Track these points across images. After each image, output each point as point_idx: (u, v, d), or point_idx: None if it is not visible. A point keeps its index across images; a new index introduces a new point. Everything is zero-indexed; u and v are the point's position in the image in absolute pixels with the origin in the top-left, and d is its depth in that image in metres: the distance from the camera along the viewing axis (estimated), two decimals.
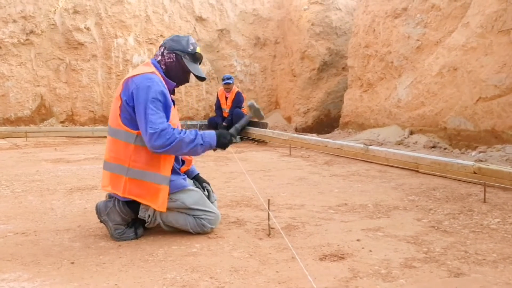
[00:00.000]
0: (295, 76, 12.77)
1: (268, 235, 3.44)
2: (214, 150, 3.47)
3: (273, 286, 2.52)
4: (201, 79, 3.64)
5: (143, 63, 3.60)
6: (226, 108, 10.80)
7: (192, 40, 3.58)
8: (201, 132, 3.35)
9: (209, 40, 12.89)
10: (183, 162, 3.68)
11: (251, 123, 10.81)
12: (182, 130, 3.30)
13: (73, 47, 11.56)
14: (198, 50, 3.57)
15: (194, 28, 12.73)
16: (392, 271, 2.72)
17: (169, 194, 3.34)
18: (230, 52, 13.19)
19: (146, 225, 3.43)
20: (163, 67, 3.50)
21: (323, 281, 2.59)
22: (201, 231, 3.43)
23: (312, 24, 12.23)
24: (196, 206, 3.40)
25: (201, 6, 12.79)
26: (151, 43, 12.26)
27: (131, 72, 3.43)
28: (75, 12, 11.49)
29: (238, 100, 10.66)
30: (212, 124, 10.92)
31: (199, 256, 3.00)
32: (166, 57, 3.50)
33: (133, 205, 3.37)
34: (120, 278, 2.65)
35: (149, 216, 3.39)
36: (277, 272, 2.72)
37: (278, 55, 13.63)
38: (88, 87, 11.75)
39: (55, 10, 11.40)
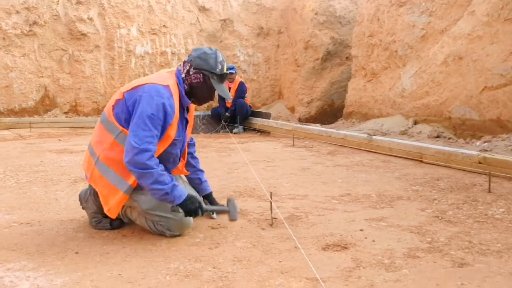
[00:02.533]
0: (298, 66, 12.73)
1: (271, 225, 3.44)
2: (172, 207, 3.11)
3: (276, 276, 2.52)
4: (226, 98, 3.54)
5: (168, 70, 3.42)
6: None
7: (220, 57, 3.33)
8: (177, 184, 3.12)
9: (212, 30, 12.85)
10: (176, 161, 3.47)
11: (255, 114, 10.80)
12: (163, 167, 3.11)
13: (76, 37, 11.54)
14: (225, 69, 3.35)
15: (197, 18, 12.70)
16: (395, 261, 2.71)
17: (132, 192, 3.17)
18: (233, 42, 13.15)
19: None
20: (186, 86, 3.31)
21: (326, 270, 2.59)
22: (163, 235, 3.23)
23: (316, 14, 12.18)
24: (153, 212, 3.18)
25: None
26: (154, 34, 12.23)
27: (148, 78, 3.30)
28: (78, 2, 11.46)
29: (241, 91, 10.61)
30: (215, 114, 10.88)
31: (202, 246, 3.00)
32: (192, 77, 3.29)
33: None
34: (123, 267, 2.66)
35: None
36: (280, 261, 2.72)
37: (282, 45, 13.58)
38: (91, 78, 11.75)
39: (58, 1, 11.37)
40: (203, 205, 3.24)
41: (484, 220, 3.53)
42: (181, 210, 3.10)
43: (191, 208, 3.11)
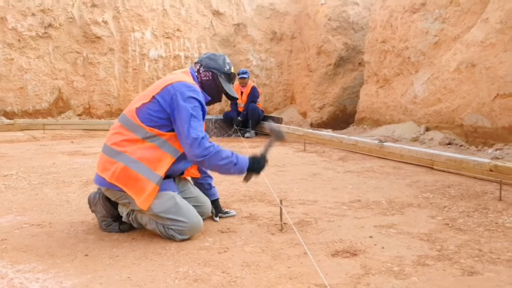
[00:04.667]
0: (311, 71, 12.73)
1: (281, 230, 3.45)
2: (245, 178, 3.36)
3: (285, 282, 2.52)
4: (233, 99, 3.71)
5: (182, 71, 3.60)
6: (241, 102, 10.76)
7: (228, 59, 3.65)
8: (233, 151, 3.30)
9: (225, 34, 12.89)
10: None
11: (266, 118, 10.80)
12: (219, 145, 3.26)
13: (90, 40, 11.63)
14: (232, 70, 3.64)
15: (211, 22, 12.74)
16: (405, 269, 2.71)
17: None
18: (246, 47, 13.17)
19: (122, 219, 3.39)
20: (199, 84, 3.50)
21: (335, 277, 2.58)
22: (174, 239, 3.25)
23: (329, 19, 12.17)
24: (165, 215, 3.20)
25: (218, 0, 12.79)
26: (168, 37, 12.29)
27: (171, 78, 3.40)
28: (93, 5, 11.56)
29: (253, 95, 10.61)
30: (227, 118, 10.90)
31: (211, 250, 3.01)
32: (202, 75, 3.54)
33: (114, 202, 3.39)
34: (133, 271, 2.67)
35: (128, 214, 3.34)
36: (288, 267, 2.73)
37: (295, 50, 13.59)
38: (105, 80, 11.83)
39: (73, 4, 11.47)
40: (264, 154, 3.42)
41: (494, 229, 3.51)
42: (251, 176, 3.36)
43: (260, 167, 3.36)
